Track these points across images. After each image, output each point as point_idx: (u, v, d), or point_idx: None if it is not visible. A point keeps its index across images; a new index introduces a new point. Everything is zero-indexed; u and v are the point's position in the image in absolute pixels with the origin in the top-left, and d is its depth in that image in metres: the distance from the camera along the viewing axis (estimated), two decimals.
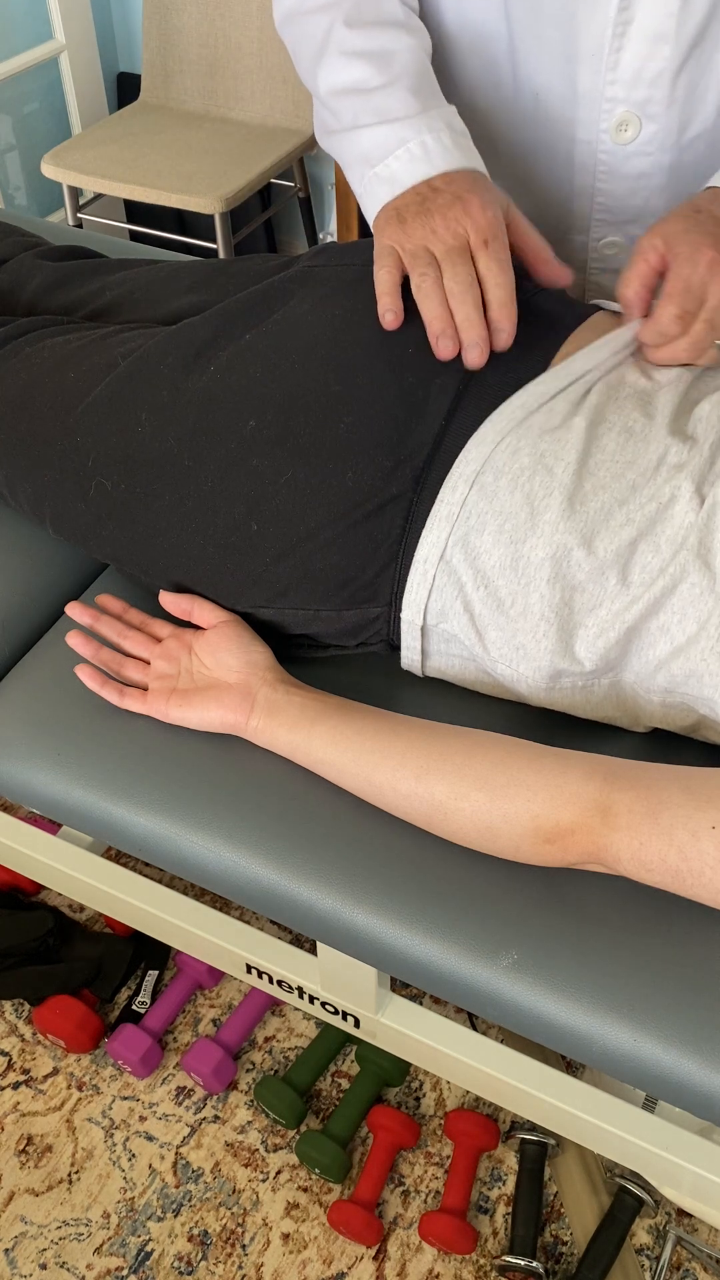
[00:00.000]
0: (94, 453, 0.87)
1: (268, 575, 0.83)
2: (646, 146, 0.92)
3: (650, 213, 0.97)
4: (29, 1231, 1.17)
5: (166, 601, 0.87)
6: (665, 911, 0.74)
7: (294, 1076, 1.25)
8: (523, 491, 0.75)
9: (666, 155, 0.93)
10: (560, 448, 0.75)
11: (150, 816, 0.83)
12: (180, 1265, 1.15)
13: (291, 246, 2.66)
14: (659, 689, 0.76)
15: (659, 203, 0.96)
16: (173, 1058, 1.30)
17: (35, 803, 0.88)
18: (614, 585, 0.73)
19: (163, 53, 2.31)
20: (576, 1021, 0.72)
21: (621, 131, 0.91)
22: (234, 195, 2.04)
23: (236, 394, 0.83)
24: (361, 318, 0.83)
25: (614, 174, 0.95)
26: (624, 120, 0.91)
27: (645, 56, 0.87)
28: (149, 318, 1.00)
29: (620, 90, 0.89)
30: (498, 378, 0.80)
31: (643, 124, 0.91)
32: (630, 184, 0.95)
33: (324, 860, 0.79)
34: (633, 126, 0.91)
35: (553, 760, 0.71)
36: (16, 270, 1.12)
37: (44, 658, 0.93)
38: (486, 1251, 1.15)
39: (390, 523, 0.79)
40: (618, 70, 0.88)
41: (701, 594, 0.72)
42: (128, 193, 2.07)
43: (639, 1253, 1.14)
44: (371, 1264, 1.14)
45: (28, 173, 2.53)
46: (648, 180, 0.94)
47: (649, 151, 0.92)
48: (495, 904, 0.76)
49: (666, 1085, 0.71)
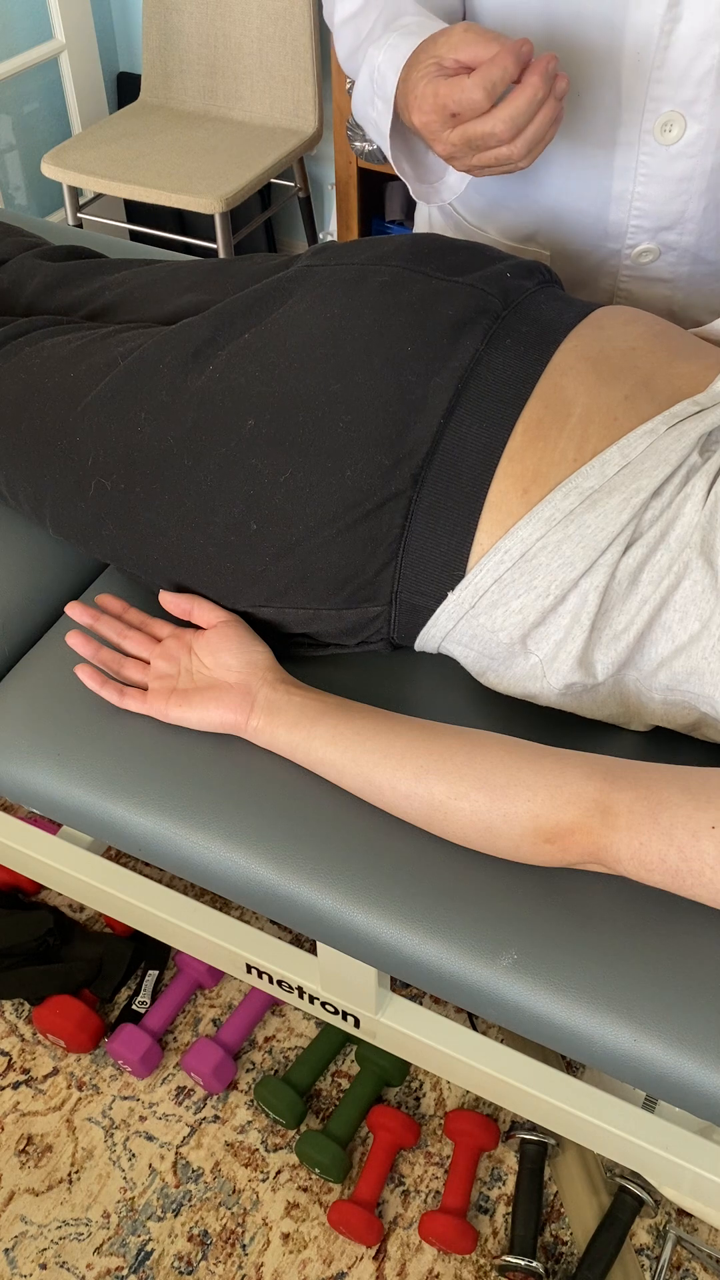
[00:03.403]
0: (94, 452, 0.87)
1: (267, 574, 0.83)
2: (690, 148, 0.91)
3: (688, 218, 0.96)
4: (29, 1231, 1.17)
5: (166, 601, 0.87)
6: (665, 911, 0.74)
7: (294, 1076, 1.25)
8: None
9: (709, 157, 0.92)
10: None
11: (150, 816, 0.83)
12: (180, 1265, 1.15)
13: (291, 246, 2.66)
14: (660, 687, 0.76)
15: (697, 208, 0.95)
16: (173, 1058, 1.30)
17: (35, 803, 0.88)
18: (625, 588, 0.74)
19: (163, 53, 2.31)
20: (576, 1021, 0.72)
21: (666, 132, 0.91)
22: (234, 195, 2.04)
23: (235, 393, 0.83)
24: (360, 317, 0.83)
25: (655, 177, 0.94)
26: (669, 120, 0.90)
27: (694, 55, 0.86)
28: (149, 317, 1.00)
29: (666, 90, 0.88)
30: (495, 376, 0.80)
31: (688, 124, 0.90)
32: (671, 187, 0.94)
33: (324, 860, 0.79)
34: (677, 126, 0.90)
35: (553, 760, 0.71)
36: (16, 270, 1.12)
37: (44, 658, 0.93)
38: (486, 1251, 1.15)
39: (389, 521, 0.79)
40: (665, 69, 0.87)
41: (704, 591, 0.72)
42: (128, 193, 2.07)
43: (639, 1253, 1.14)
44: (371, 1264, 1.14)
45: (28, 173, 2.53)
46: (689, 184, 0.94)
47: (692, 153, 0.92)
48: (495, 904, 0.76)
49: (666, 1085, 0.71)
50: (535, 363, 0.81)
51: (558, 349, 0.82)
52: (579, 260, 1.04)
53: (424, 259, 0.86)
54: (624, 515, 0.74)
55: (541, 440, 0.78)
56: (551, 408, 0.79)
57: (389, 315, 0.82)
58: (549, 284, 0.89)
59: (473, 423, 0.79)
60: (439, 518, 0.78)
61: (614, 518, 0.74)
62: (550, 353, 0.81)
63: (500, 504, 0.77)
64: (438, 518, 0.78)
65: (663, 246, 0.99)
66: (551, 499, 0.76)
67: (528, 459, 0.77)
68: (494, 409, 0.79)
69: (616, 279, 1.03)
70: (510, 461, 0.78)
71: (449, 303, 0.82)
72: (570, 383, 0.80)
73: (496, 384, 0.80)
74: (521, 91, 0.77)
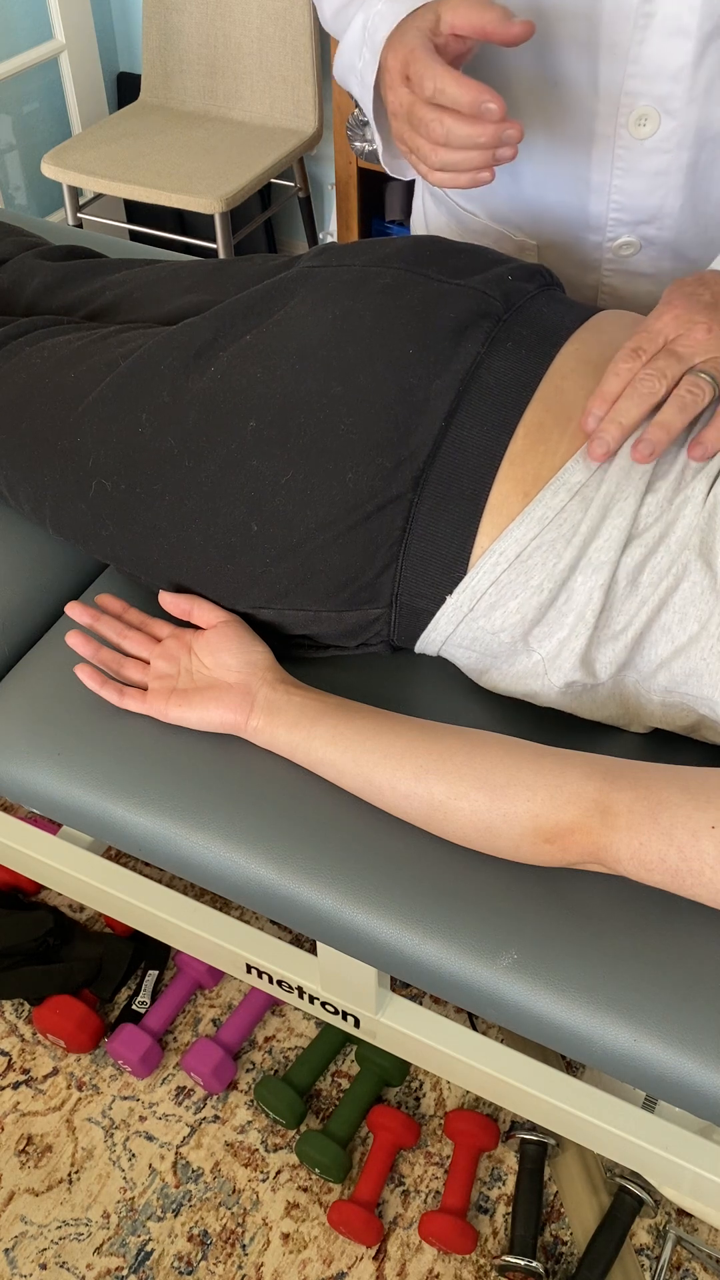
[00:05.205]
0: (94, 453, 0.87)
1: (267, 576, 0.83)
2: (665, 143, 0.92)
3: (667, 213, 0.96)
4: (29, 1231, 1.17)
5: (166, 601, 0.87)
6: (665, 911, 0.74)
7: (294, 1076, 1.25)
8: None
9: (685, 153, 0.92)
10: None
11: (150, 816, 0.83)
12: (180, 1265, 1.15)
13: (291, 246, 2.66)
14: (659, 688, 0.76)
15: (675, 203, 0.95)
16: (173, 1058, 1.30)
17: (35, 803, 0.88)
18: (624, 589, 0.74)
19: (163, 53, 2.31)
20: (576, 1021, 0.72)
21: (640, 126, 0.91)
22: (234, 195, 2.04)
23: (236, 394, 0.83)
24: (362, 319, 0.83)
25: (631, 171, 0.94)
26: (643, 114, 0.90)
27: (667, 51, 0.86)
28: (149, 318, 1.00)
29: (641, 84, 0.89)
30: (496, 380, 0.80)
31: (662, 119, 0.90)
32: (648, 181, 0.94)
33: (324, 860, 0.79)
34: (652, 121, 0.90)
35: (552, 760, 0.72)
36: (16, 270, 1.12)
37: (44, 658, 0.93)
38: (486, 1251, 1.15)
39: (390, 524, 0.79)
40: (639, 63, 0.87)
41: (703, 593, 0.72)
42: (128, 193, 2.07)
43: (639, 1253, 1.14)
44: (371, 1264, 1.14)
45: (28, 173, 2.53)
46: (665, 178, 0.94)
47: (667, 149, 0.92)
48: (495, 904, 0.76)
49: (666, 1085, 0.71)
50: (536, 366, 0.81)
51: (559, 352, 0.82)
52: (563, 251, 1.04)
53: (425, 261, 0.86)
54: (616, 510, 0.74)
55: (543, 444, 0.78)
56: (553, 411, 0.79)
57: (391, 318, 0.82)
58: (550, 287, 0.89)
59: (474, 426, 0.79)
60: (440, 520, 0.78)
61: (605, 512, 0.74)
62: (551, 356, 0.81)
63: (502, 507, 0.77)
64: (439, 520, 0.78)
65: (643, 240, 0.99)
66: (542, 497, 0.76)
67: (529, 462, 0.77)
68: (495, 412, 0.79)
69: (600, 273, 1.04)
70: (511, 465, 0.78)
71: (450, 305, 0.82)
72: (572, 386, 0.80)
73: (498, 387, 0.80)
74: (469, 125, 0.77)
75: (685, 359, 0.74)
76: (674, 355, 0.74)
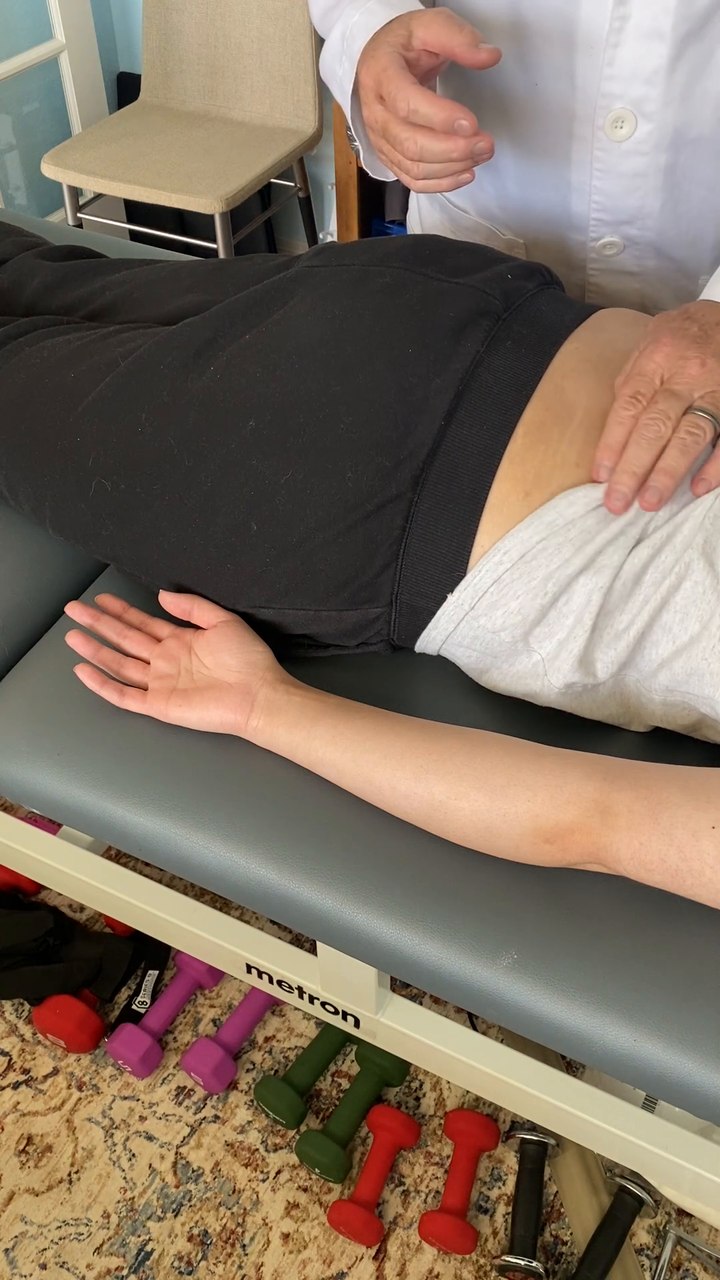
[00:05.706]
0: (94, 453, 0.87)
1: (267, 575, 0.83)
2: (642, 145, 0.92)
3: (647, 214, 0.97)
4: (29, 1231, 1.17)
5: (166, 601, 0.87)
6: (665, 911, 0.74)
7: (294, 1076, 1.25)
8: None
9: (663, 155, 0.92)
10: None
11: (150, 816, 0.83)
12: (180, 1265, 1.15)
13: (291, 246, 2.66)
14: (660, 688, 0.76)
15: (655, 203, 0.96)
16: (173, 1058, 1.30)
17: (35, 803, 0.88)
18: (628, 589, 0.74)
19: (163, 53, 2.31)
20: (576, 1021, 0.72)
21: (617, 128, 0.91)
22: (234, 195, 2.04)
23: (236, 394, 0.83)
24: (361, 318, 0.83)
25: (610, 172, 0.95)
26: (620, 117, 0.91)
27: (642, 54, 0.87)
28: (149, 317, 1.00)
29: (617, 86, 0.89)
30: (496, 379, 0.80)
31: (639, 122, 0.91)
32: (626, 182, 0.95)
33: (324, 860, 0.79)
34: (629, 123, 0.91)
35: (552, 760, 0.71)
36: (16, 270, 1.12)
37: (44, 658, 0.93)
38: (486, 1251, 1.15)
39: (390, 523, 0.79)
40: (615, 65, 0.88)
41: (704, 592, 0.72)
42: (128, 193, 2.07)
43: (639, 1253, 1.14)
44: (371, 1264, 1.14)
45: (28, 173, 2.53)
46: (644, 180, 0.94)
47: (644, 151, 0.92)
48: (495, 904, 0.76)
49: (666, 1085, 0.71)
50: (536, 365, 0.81)
51: (559, 351, 0.82)
52: (549, 250, 1.05)
53: (425, 260, 0.86)
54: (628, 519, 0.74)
55: (543, 443, 0.78)
56: (553, 410, 0.79)
57: (390, 317, 0.82)
58: (550, 285, 0.89)
59: (473, 425, 0.79)
60: (440, 520, 0.78)
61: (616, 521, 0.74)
62: (551, 355, 0.81)
63: (501, 506, 0.77)
64: (438, 520, 0.78)
65: (625, 240, 1.00)
66: (556, 504, 0.76)
67: (529, 461, 0.77)
68: (495, 411, 0.79)
69: (586, 271, 1.04)
70: (511, 464, 0.78)
71: (450, 304, 0.82)
72: (572, 385, 0.80)
73: (497, 386, 0.80)
74: (443, 141, 0.78)
75: (684, 396, 0.73)
76: (673, 395, 0.73)
